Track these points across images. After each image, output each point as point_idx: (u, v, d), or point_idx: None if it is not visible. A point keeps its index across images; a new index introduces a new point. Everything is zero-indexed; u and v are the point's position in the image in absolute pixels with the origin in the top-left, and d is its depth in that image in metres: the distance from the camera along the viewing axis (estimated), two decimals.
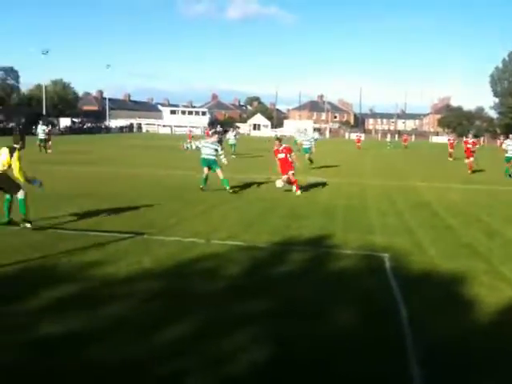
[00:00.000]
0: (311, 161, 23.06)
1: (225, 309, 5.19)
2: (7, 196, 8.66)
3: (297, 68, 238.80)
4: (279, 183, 14.04)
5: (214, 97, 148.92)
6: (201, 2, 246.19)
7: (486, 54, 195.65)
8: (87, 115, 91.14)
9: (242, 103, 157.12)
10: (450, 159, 32.80)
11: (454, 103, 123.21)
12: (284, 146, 14.69)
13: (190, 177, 16.71)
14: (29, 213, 8.62)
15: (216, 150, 14.30)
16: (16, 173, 8.52)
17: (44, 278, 5.98)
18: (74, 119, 79.21)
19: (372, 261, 7.23)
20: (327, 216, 10.64)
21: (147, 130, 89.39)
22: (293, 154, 14.69)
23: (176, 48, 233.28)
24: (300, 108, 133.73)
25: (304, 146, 24.20)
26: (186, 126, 67.14)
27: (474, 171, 22.77)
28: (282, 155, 14.49)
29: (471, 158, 23.44)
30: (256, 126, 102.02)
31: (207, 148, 14.30)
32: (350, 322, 5.01)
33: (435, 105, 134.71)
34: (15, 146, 8.71)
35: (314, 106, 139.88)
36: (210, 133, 19.53)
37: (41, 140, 29.97)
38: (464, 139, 28.92)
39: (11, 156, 8.52)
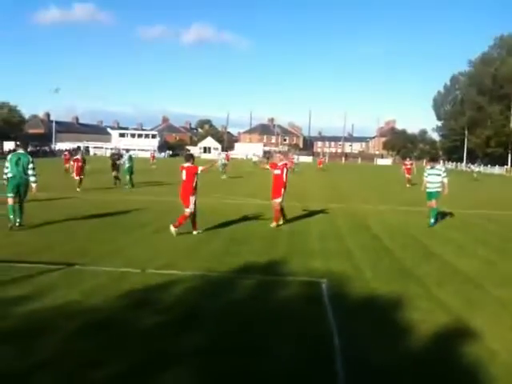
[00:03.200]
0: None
1: (153, 346, 4.92)
2: None
3: (248, 92, 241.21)
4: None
5: (165, 120, 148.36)
6: (156, 26, 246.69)
7: (430, 79, 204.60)
8: (32, 138, 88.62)
9: (193, 126, 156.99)
10: (408, 185, 29.51)
11: (399, 126, 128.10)
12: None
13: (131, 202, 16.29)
14: None
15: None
16: None
17: None
18: (19, 143, 76.73)
19: (310, 287, 7.14)
20: (267, 240, 10.54)
21: (95, 154, 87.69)
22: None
23: (128, 71, 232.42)
24: (250, 131, 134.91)
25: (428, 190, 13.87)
26: (134, 149, 66.22)
27: (412, 184, 28.54)
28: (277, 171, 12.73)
29: (409, 176, 30.72)
30: (206, 149, 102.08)
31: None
32: (282, 355, 4.83)
33: (381, 128, 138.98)
34: None
35: (265, 129, 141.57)
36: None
37: None
38: (404, 161, 35.00)
39: None
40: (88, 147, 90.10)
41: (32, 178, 11.30)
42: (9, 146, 75.28)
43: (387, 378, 4.47)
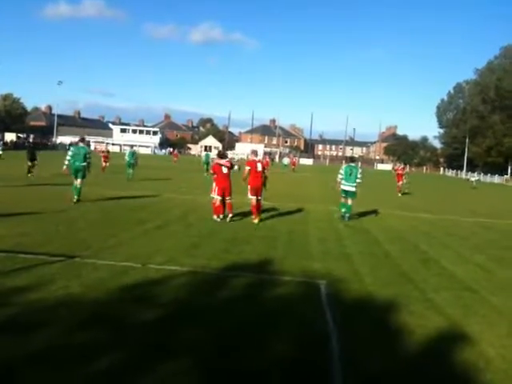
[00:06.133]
0: None
1: (151, 340, 4.97)
2: None
3: (251, 92, 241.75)
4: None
5: (167, 117, 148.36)
6: (165, 25, 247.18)
7: (432, 87, 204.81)
8: (34, 131, 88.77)
9: (194, 124, 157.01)
10: (400, 195, 27.46)
11: (400, 132, 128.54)
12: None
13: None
14: None
15: None
16: None
17: None
18: (20, 134, 76.91)
19: (308, 288, 7.19)
20: (268, 240, 10.59)
21: (95, 148, 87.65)
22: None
23: (133, 67, 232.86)
24: (252, 131, 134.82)
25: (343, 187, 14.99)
26: (135, 145, 66.40)
27: (403, 193, 27.97)
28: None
29: (400, 182, 28.39)
30: (207, 148, 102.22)
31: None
32: (279, 354, 4.88)
33: (382, 133, 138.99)
34: None
35: (266, 130, 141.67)
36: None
37: None
38: (395, 166, 32.68)
39: None
40: (89, 141, 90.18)
41: (89, 161, 15.02)
42: (10, 137, 75.45)
43: (382, 382, 4.52)
